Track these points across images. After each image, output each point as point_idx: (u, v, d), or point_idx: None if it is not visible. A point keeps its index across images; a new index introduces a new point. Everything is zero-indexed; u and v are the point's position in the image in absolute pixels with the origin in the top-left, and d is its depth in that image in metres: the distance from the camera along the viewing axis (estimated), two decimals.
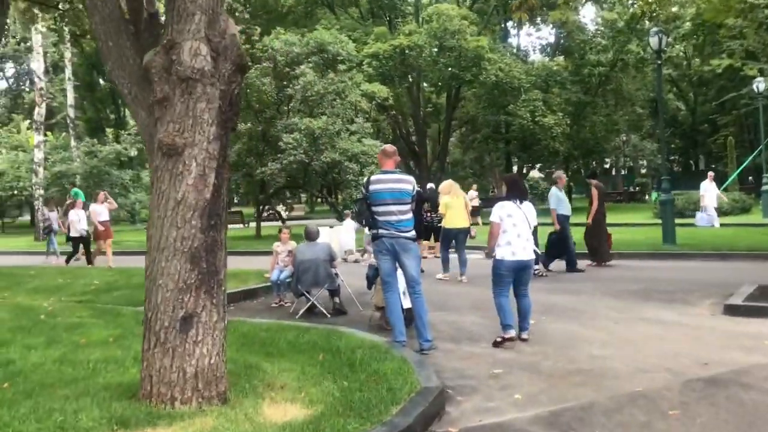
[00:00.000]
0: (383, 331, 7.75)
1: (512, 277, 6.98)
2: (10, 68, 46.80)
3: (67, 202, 19.36)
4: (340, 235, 9.76)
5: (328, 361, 5.76)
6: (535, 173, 45.62)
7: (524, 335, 7.11)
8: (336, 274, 8.98)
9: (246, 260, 15.37)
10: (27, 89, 42.83)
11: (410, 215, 6.84)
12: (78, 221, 15.58)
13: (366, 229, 8.93)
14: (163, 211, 4.52)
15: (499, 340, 6.92)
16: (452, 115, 36.89)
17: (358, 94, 21.78)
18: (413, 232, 6.86)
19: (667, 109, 49.34)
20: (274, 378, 5.24)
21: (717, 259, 13.69)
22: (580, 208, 38.65)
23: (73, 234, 15.74)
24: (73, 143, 29.76)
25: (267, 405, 4.60)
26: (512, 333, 6.93)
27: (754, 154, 31.27)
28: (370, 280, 8.05)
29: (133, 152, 45.34)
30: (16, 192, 29.07)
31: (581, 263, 12.79)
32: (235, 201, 33.85)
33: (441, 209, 12.03)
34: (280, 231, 9.90)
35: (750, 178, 41.44)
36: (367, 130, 21.97)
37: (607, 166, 63.30)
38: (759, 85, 24.24)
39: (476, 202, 23.26)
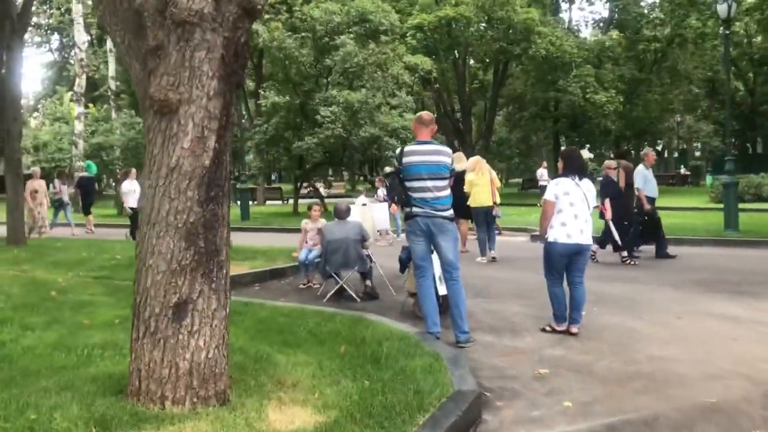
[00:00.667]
0: (416, 319, 7.04)
1: (565, 263, 6.23)
2: (55, 40, 47.16)
3: (120, 172, 19.00)
4: (374, 213, 9.03)
5: (350, 355, 5.07)
6: (584, 153, 44.11)
7: (574, 329, 6.33)
8: (368, 256, 8.29)
9: (279, 237, 14.83)
10: (71, 61, 42.96)
11: (448, 192, 6.09)
12: (133, 191, 14.67)
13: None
14: (155, 180, 3.86)
15: (548, 329, 6.30)
16: (499, 92, 35.72)
17: (400, 67, 20.90)
18: (451, 211, 6.11)
19: (723, 90, 47.13)
20: (286, 374, 4.57)
21: None
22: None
23: (132, 204, 14.65)
24: (113, 115, 29.59)
25: (273, 408, 3.93)
26: (565, 326, 6.25)
27: None
28: (403, 263, 7.33)
29: None
30: (57, 164, 29.07)
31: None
32: (272, 177, 33.40)
33: (466, 187, 11.48)
34: (309, 208, 9.22)
35: None
36: (409, 104, 21.10)
37: (660, 148, 61.20)
38: None
39: (545, 182, 22.11)
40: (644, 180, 11.27)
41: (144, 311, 3.88)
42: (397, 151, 6.28)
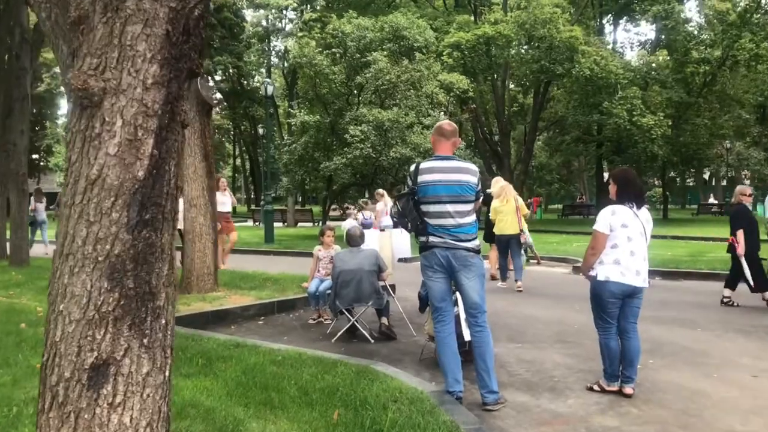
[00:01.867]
0: (437, 368, 5.92)
1: (618, 306, 5.08)
2: None
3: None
4: (393, 240, 7.94)
5: (345, 424, 3.98)
6: None
7: (628, 389, 5.15)
8: (385, 288, 7.21)
9: (299, 262, 13.84)
10: None
11: (473, 218, 5.00)
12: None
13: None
14: (70, 197, 2.86)
15: (596, 388, 5.16)
16: (539, 114, 34.47)
17: (435, 85, 19.89)
18: (477, 242, 4.99)
19: None
20: None
21: None
22: (676, 219, 35.64)
23: None
24: None
25: None
26: (617, 385, 5.12)
27: None
28: (423, 302, 6.23)
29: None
30: None
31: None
32: (301, 198, 32.47)
33: (491, 215, 11.10)
34: (322, 233, 8.18)
35: None
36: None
37: (706, 176, 59.08)
38: None
39: None
40: None
41: (51, 374, 2.86)
42: (411, 168, 5.08)
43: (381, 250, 7.54)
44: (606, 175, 36.67)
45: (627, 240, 4.98)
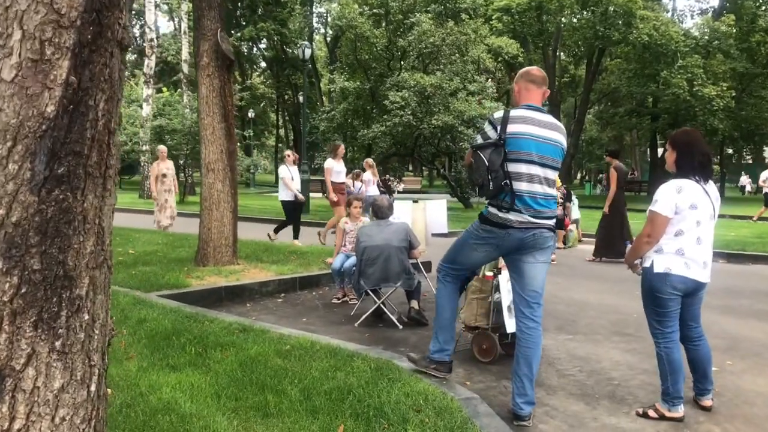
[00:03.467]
0: (473, 364, 5.07)
1: (680, 305, 3.99)
2: (137, 24, 47.16)
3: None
4: (427, 212, 7.03)
5: None
6: None
7: (707, 401, 4.17)
8: (416, 267, 6.34)
9: (331, 236, 13.04)
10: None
11: (556, 190, 4.05)
12: (291, 179, 11.37)
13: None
14: None
15: (652, 414, 4.01)
16: (591, 86, 32.79)
17: (482, 50, 18.68)
18: (555, 219, 4.06)
19: None
20: None
21: None
22: (734, 198, 33.73)
23: (284, 197, 11.42)
24: (185, 100, 28.66)
25: None
26: (681, 411, 3.98)
27: None
28: (460, 285, 5.33)
29: (250, 113, 44.58)
30: (128, 147, 28.32)
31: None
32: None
33: None
34: (349, 204, 7.32)
35: None
36: (490, 91, 18.86)
37: (766, 154, 56.33)
38: None
39: None
40: None
41: None
42: (495, 114, 3.95)
43: (413, 224, 6.66)
44: (660, 150, 34.88)
45: (696, 225, 3.85)
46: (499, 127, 3.80)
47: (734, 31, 29.44)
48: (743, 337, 6.03)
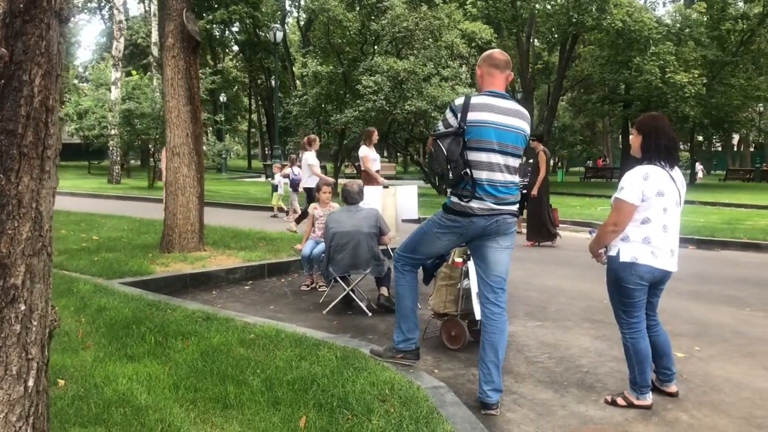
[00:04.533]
0: (443, 351, 4.99)
1: (646, 295, 3.92)
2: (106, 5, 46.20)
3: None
4: (398, 198, 6.93)
5: None
6: None
7: (672, 386, 4.14)
8: (386, 254, 6.25)
9: (305, 222, 12.87)
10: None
11: (518, 177, 3.99)
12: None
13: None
14: None
15: (621, 402, 3.96)
16: (564, 72, 32.87)
17: (455, 35, 18.56)
18: (517, 205, 4.00)
19: None
20: None
21: None
22: (704, 185, 34.21)
23: (311, 185, 11.11)
24: (155, 83, 28.12)
25: None
26: (649, 399, 3.94)
27: None
28: (428, 272, 5.26)
29: (222, 97, 43.99)
30: (96, 131, 27.72)
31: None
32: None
33: None
34: (318, 189, 7.18)
35: None
36: (464, 77, 18.74)
37: (735, 141, 57.13)
38: None
39: None
40: None
41: None
42: (456, 101, 3.86)
43: (383, 210, 6.55)
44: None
45: (662, 212, 3.77)
46: (459, 115, 3.72)
47: (705, 19, 29.69)
48: (712, 323, 6.04)
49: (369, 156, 10.30)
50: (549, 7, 29.71)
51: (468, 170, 3.74)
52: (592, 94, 35.39)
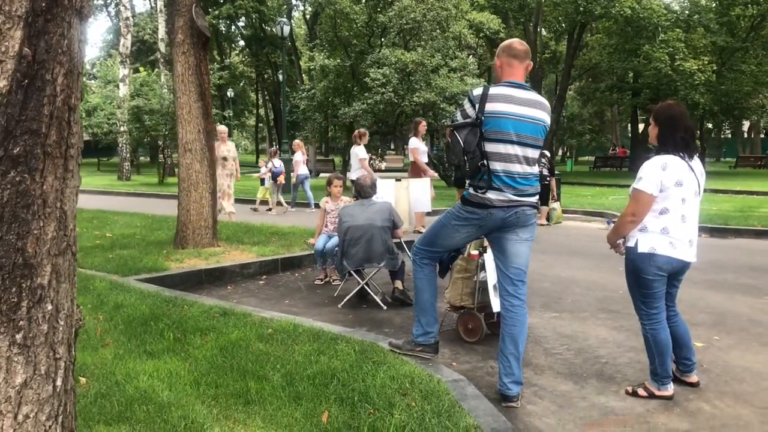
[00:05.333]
0: (459, 344, 4.98)
1: (665, 285, 3.89)
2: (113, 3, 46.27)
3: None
4: (411, 191, 6.91)
5: (337, 430, 3.05)
6: None
7: (692, 377, 4.12)
8: (400, 247, 6.24)
9: (314, 215, 12.90)
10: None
11: (537, 168, 3.97)
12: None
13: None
14: None
15: (641, 393, 3.94)
16: (572, 61, 32.68)
17: (463, 25, 18.48)
18: (537, 196, 3.97)
19: None
20: None
21: None
22: (714, 172, 33.94)
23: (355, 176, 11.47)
24: (162, 80, 28.17)
25: None
26: (671, 389, 3.92)
27: None
28: (444, 264, 5.24)
29: (230, 92, 44.00)
30: (105, 128, 27.82)
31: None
32: (322, 149, 31.36)
33: None
34: (329, 183, 7.18)
35: None
36: (472, 67, 18.67)
37: (746, 127, 56.70)
38: None
39: None
40: None
41: None
42: (474, 92, 3.82)
43: (396, 203, 6.55)
44: (642, 126, 34.93)
45: (681, 202, 3.73)
46: (477, 105, 3.70)
47: (714, 4, 29.42)
48: (729, 312, 6.00)
49: (419, 148, 10.17)
50: None
51: (485, 161, 3.72)
52: (600, 83, 35.15)
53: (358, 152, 11.47)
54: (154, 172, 27.53)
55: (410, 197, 6.77)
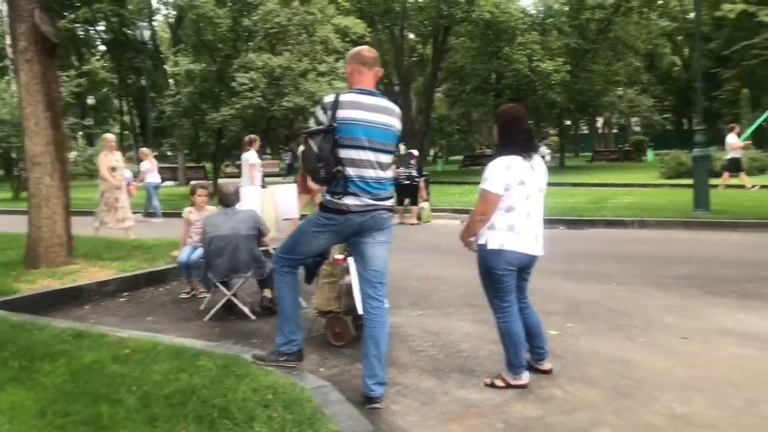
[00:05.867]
0: (328, 350, 4.99)
1: (515, 279, 4.11)
2: None
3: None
4: (276, 198, 6.86)
5: None
6: None
7: (546, 364, 4.35)
8: (267, 255, 6.17)
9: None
10: None
11: (390, 172, 4.05)
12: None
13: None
14: None
15: (498, 383, 4.11)
16: (439, 64, 33.66)
17: (329, 30, 18.56)
18: (393, 200, 4.08)
19: (661, 64, 46.53)
20: None
21: (764, 228, 10.97)
22: (573, 167, 36.08)
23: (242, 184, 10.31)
24: (13, 87, 26.28)
25: None
26: (526, 378, 4.12)
27: None
28: (310, 270, 5.24)
29: (90, 100, 41.80)
30: None
31: None
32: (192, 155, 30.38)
33: None
34: (192, 192, 6.97)
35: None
36: (340, 71, 18.76)
37: (599, 124, 60.62)
38: None
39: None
40: None
41: None
42: (326, 99, 3.90)
43: (262, 211, 6.45)
44: None
45: (525, 200, 3.95)
46: (329, 112, 3.75)
47: (566, 9, 31.28)
48: (583, 300, 6.38)
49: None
50: (421, 0, 30.29)
51: (340, 167, 3.77)
52: (466, 85, 36.44)
53: (249, 158, 11.30)
54: (8, 186, 25.68)
55: (276, 204, 6.71)
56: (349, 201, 3.80)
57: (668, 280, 7.21)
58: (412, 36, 37.13)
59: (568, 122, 47.33)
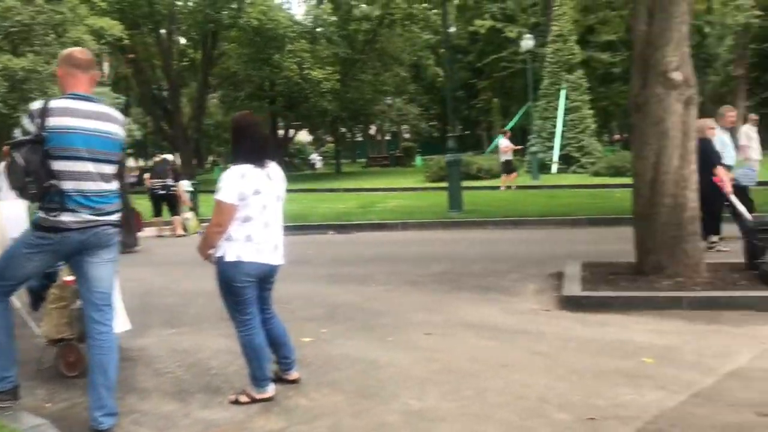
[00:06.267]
0: (59, 382, 4.52)
1: (256, 290, 4.01)
2: None
3: None
4: (2, 216, 6.10)
5: None
6: (302, 136, 43.19)
7: (294, 374, 4.30)
8: None
9: None
10: None
11: (116, 184, 3.72)
12: None
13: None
14: None
15: (243, 399, 3.99)
16: (209, 69, 32.81)
17: (83, 31, 17.21)
18: (119, 214, 3.75)
19: (426, 75, 49.67)
20: None
21: (510, 226, 12.07)
22: (348, 172, 37.23)
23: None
24: None
25: None
26: (272, 390, 4.03)
27: (520, 114, 31.28)
28: (36, 295, 4.72)
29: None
30: None
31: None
32: None
33: None
34: None
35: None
36: (102, 78, 17.51)
37: (373, 131, 63.14)
38: (527, 42, 23.74)
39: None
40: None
41: None
42: (33, 106, 3.52)
43: None
44: (281, 132, 36.65)
45: (262, 209, 3.89)
46: (37, 120, 3.38)
47: (334, 18, 32.18)
48: (342, 303, 6.49)
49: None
50: (190, 3, 29.34)
51: (54, 181, 3.42)
52: (240, 92, 35.99)
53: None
54: None
55: (2, 222, 5.97)
56: (66, 218, 3.46)
57: (423, 278, 7.60)
58: (183, 40, 35.87)
59: (343, 129, 48.65)
